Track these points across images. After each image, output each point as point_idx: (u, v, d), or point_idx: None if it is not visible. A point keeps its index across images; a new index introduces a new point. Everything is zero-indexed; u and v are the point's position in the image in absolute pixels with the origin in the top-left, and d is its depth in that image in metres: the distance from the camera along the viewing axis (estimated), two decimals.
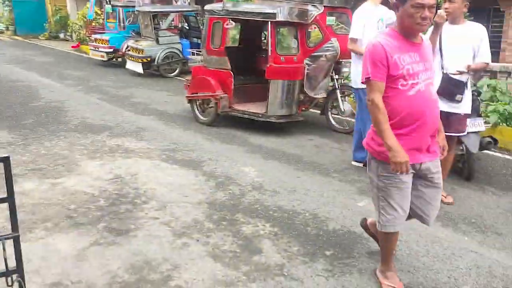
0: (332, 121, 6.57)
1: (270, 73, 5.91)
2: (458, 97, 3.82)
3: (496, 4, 9.65)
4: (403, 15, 2.36)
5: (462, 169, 4.69)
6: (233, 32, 8.54)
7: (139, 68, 10.97)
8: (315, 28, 6.14)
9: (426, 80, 2.44)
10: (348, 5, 6.44)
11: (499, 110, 5.88)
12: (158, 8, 11.82)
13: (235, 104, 6.42)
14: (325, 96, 6.36)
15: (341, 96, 6.30)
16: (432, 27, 3.71)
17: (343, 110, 6.29)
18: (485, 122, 4.81)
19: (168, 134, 6.13)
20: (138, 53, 10.90)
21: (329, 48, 5.96)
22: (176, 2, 12.87)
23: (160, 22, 12.15)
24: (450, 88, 3.81)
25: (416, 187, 2.61)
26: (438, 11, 3.72)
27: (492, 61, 9.29)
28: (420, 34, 2.51)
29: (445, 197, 4.08)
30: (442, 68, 3.84)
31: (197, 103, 6.76)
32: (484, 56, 3.80)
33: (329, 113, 6.59)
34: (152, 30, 11.04)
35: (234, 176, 4.59)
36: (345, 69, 6.36)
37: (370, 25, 4.50)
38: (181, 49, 11.33)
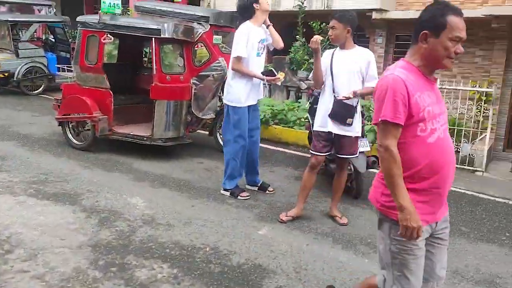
0: (221, 142, 6.37)
1: (155, 93, 5.48)
2: (349, 120, 3.87)
3: (362, 30, 10.60)
4: (435, 48, 2.00)
5: (351, 188, 4.84)
6: (109, 47, 7.87)
7: None
8: (201, 46, 5.90)
9: (444, 124, 2.11)
10: (234, 25, 6.35)
11: (375, 129, 6.30)
12: (17, 17, 10.46)
13: (116, 127, 5.84)
14: (213, 117, 6.14)
15: None
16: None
17: None
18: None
19: (35, 162, 5.26)
20: None
21: (217, 68, 5.77)
22: (39, 11, 11.54)
23: (20, 33, 10.78)
24: (342, 112, 3.85)
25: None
26: (314, 37, 3.80)
27: None
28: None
29: (340, 218, 4.13)
30: (334, 92, 3.88)
31: (70, 126, 5.99)
32: (371, 80, 3.91)
33: (218, 133, 6.39)
34: (11, 41, 9.71)
35: (120, 209, 4.06)
36: None
37: (253, 44, 4.42)
38: (46, 64, 10.16)
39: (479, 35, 9.29)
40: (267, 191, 4.77)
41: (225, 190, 4.63)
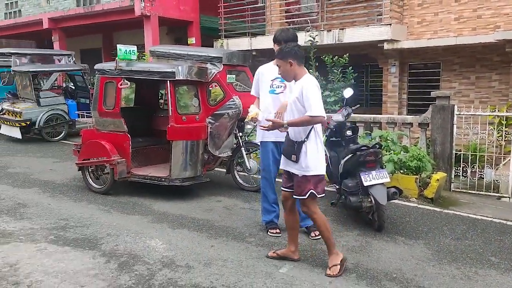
0: (239, 180, 6.36)
1: (171, 134, 5.55)
2: (292, 157, 3.62)
3: (374, 61, 10.66)
4: None
5: (373, 220, 4.73)
6: (126, 91, 8.07)
7: (16, 133, 9.82)
8: (215, 86, 6.00)
9: None
10: (246, 63, 6.47)
11: (393, 159, 6.20)
12: (38, 67, 10.88)
13: (134, 169, 5.91)
14: (230, 154, 6.16)
15: (246, 154, 6.16)
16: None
17: (249, 167, 6.12)
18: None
19: (56, 208, 5.32)
20: (15, 116, 9.80)
21: (232, 106, 5.83)
22: (59, 61, 11.99)
23: (41, 82, 11.16)
24: (288, 148, 3.70)
25: None
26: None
27: (377, 113, 10.01)
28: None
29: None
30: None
31: (90, 170, 6.08)
32: (307, 109, 3.49)
33: (235, 171, 6.39)
34: (32, 91, 10.07)
35: (140, 253, 4.03)
36: (248, 126, 6.26)
37: (264, 82, 4.48)
38: (67, 111, 10.46)
39: (493, 60, 9.24)
40: (310, 236, 4.50)
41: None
